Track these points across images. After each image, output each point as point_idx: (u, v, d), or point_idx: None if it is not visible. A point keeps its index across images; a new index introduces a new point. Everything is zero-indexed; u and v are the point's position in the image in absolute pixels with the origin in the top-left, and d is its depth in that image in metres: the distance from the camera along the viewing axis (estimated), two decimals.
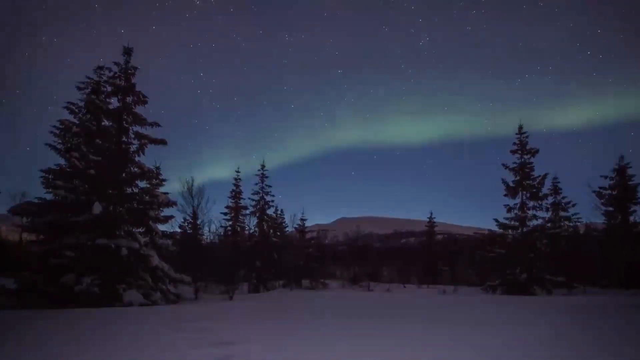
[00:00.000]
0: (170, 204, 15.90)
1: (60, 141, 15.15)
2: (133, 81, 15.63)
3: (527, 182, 23.40)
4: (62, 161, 14.76)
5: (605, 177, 25.85)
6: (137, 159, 15.60)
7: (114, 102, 15.68)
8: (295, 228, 32.89)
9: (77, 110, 15.41)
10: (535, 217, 23.52)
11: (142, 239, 14.78)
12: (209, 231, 26.46)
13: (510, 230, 23.92)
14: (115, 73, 15.52)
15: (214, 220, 32.58)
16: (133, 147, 15.65)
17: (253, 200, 28.98)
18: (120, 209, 14.84)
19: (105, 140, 14.95)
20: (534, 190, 23.38)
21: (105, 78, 15.61)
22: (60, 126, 15.06)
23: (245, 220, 29.31)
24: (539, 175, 23.38)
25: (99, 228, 13.74)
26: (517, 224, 23.50)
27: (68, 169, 14.27)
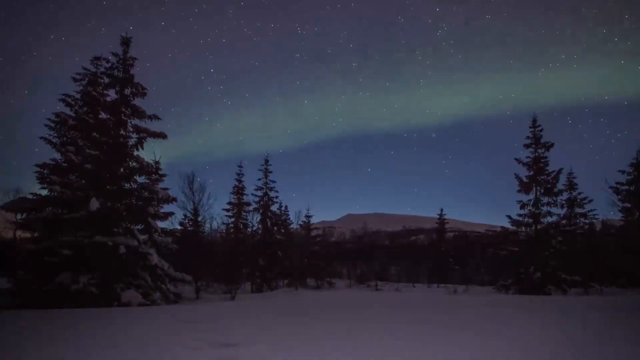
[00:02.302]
0: (170, 200, 15.43)
1: (55, 135, 14.63)
2: (132, 72, 15.10)
3: (541, 177, 22.59)
4: (57, 156, 14.29)
5: (623, 172, 24.88)
6: (135, 153, 15.11)
7: (111, 95, 15.20)
8: (300, 225, 32.31)
9: (73, 102, 14.93)
10: (549, 213, 22.72)
11: (141, 237, 14.34)
12: (211, 228, 25.90)
13: (523, 228, 23.16)
14: (113, 64, 15.01)
15: (216, 217, 31.97)
16: (131, 141, 15.16)
17: (256, 196, 28.32)
18: (118, 205, 14.31)
19: (103, 133, 14.44)
20: (549, 185, 22.56)
21: (102, 69, 15.09)
22: (56, 119, 14.56)
23: (248, 217, 28.66)
24: (554, 170, 22.59)
25: (96, 225, 13.29)
26: (530, 220, 22.72)
27: (64, 164, 13.83)
